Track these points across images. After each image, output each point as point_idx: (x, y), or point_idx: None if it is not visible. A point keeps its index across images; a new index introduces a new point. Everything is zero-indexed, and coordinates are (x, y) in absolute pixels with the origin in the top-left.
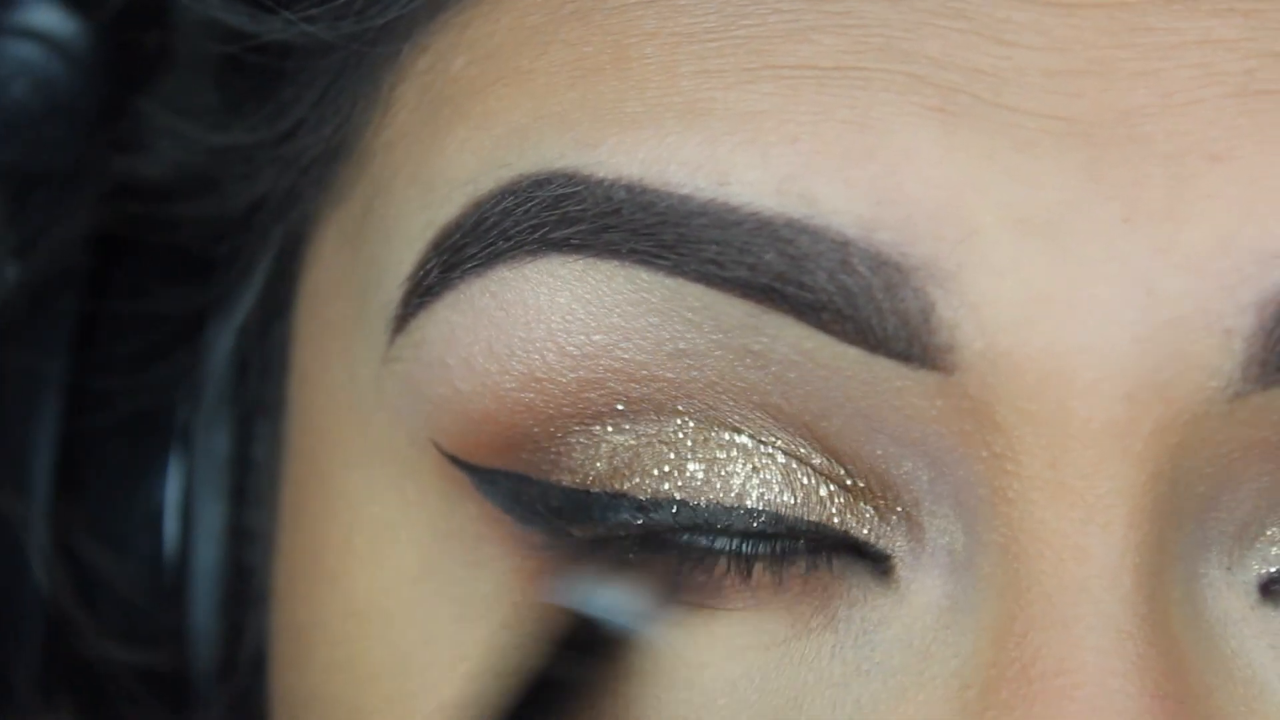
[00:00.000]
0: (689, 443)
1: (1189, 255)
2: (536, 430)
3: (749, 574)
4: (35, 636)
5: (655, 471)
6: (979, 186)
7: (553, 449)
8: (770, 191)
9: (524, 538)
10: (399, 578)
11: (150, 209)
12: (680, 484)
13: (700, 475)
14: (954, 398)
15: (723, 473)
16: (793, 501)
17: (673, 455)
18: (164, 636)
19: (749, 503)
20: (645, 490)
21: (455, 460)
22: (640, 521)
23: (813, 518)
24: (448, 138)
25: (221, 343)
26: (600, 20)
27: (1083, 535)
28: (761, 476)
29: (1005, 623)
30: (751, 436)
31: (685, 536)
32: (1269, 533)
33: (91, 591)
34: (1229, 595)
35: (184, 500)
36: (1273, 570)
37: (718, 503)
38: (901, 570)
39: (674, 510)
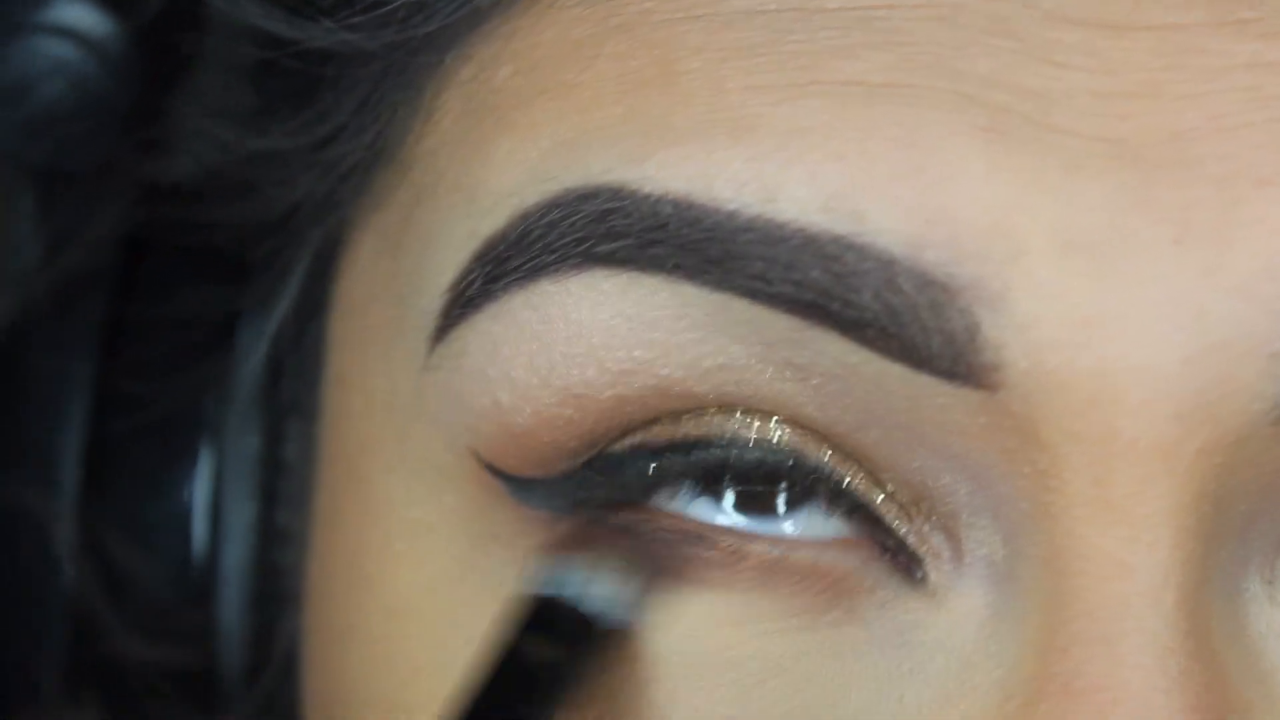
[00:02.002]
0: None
1: (1237, 279)
2: (574, 445)
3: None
4: (62, 634)
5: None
6: (1026, 207)
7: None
8: (817, 208)
9: (557, 528)
10: (440, 579)
11: (184, 212)
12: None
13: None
14: (998, 415)
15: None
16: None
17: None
18: (192, 635)
19: (772, 439)
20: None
21: (493, 470)
22: (655, 465)
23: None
24: (492, 148)
25: (255, 345)
26: (646, 34)
27: (1127, 553)
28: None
29: (1048, 636)
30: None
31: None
32: None
33: (119, 590)
34: (1270, 609)
35: (213, 499)
36: None
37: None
38: (935, 576)
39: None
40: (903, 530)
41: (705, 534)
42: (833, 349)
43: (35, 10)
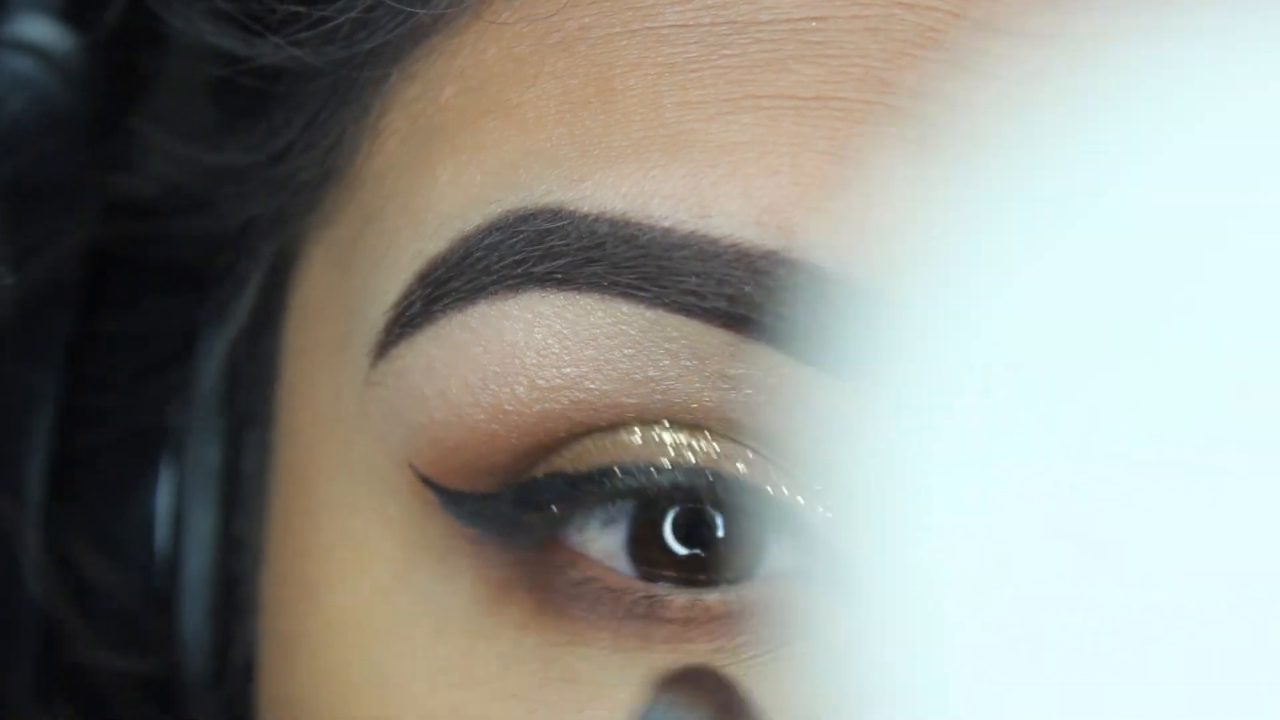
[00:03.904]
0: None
1: None
2: (499, 459)
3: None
4: (29, 644)
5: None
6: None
7: (515, 480)
8: (750, 223)
9: (484, 546)
10: (376, 591)
11: (146, 226)
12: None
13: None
14: None
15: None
16: (737, 471)
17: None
18: (157, 643)
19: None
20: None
21: (427, 481)
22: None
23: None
24: (438, 169)
25: (213, 355)
26: (585, 51)
27: None
28: (697, 443)
29: None
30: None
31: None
32: None
33: (86, 599)
34: None
35: (175, 509)
36: None
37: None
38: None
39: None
40: (832, 536)
41: (655, 595)
42: (765, 361)
43: None
